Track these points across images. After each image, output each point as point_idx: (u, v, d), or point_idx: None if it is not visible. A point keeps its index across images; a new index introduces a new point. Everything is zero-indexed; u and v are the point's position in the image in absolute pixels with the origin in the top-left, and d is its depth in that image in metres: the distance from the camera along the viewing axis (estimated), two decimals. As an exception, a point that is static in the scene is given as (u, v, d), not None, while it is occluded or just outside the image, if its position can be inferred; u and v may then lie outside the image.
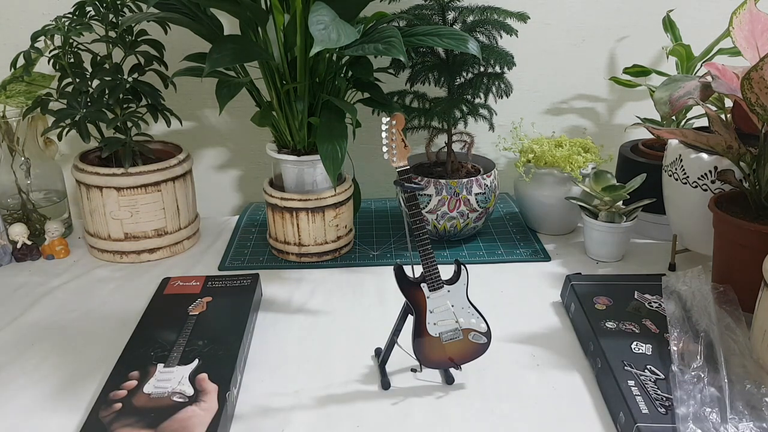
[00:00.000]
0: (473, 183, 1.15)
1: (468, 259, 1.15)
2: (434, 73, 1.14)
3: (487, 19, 1.10)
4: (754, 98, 0.82)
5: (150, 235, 1.14)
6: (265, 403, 0.78)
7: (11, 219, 1.20)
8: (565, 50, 1.36)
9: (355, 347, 0.89)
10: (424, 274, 0.78)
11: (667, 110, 0.95)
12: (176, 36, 1.18)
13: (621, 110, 1.42)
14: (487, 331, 0.80)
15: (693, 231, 1.05)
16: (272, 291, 1.05)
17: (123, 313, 0.98)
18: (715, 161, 0.98)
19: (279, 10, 1.00)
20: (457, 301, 0.79)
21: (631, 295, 0.94)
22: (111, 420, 0.70)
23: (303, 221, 1.10)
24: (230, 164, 1.44)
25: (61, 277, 1.10)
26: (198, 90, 1.34)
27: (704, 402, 0.70)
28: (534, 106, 1.41)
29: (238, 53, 0.97)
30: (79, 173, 1.10)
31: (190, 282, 1.00)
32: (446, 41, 0.98)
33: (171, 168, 1.13)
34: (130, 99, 1.11)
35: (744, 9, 0.95)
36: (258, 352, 0.88)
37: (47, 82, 1.15)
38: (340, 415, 0.76)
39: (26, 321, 0.96)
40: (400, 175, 0.77)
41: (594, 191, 1.12)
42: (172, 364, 0.79)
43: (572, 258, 1.15)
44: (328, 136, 1.03)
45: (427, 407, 0.77)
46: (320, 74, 1.08)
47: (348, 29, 0.88)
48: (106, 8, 1.08)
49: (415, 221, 0.77)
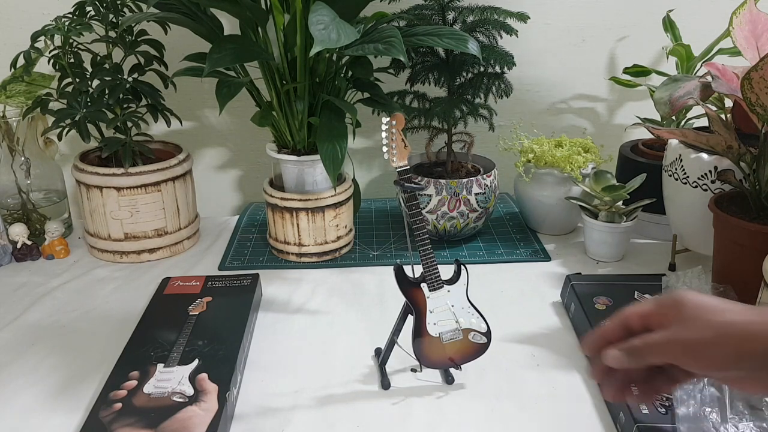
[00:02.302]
0: (473, 183, 1.15)
1: (468, 259, 1.15)
2: (434, 73, 1.14)
3: (487, 19, 1.10)
4: (754, 98, 0.82)
5: (150, 235, 1.14)
6: (265, 403, 0.78)
7: (11, 219, 1.20)
8: (565, 50, 1.36)
9: (355, 347, 0.89)
10: (424, 274, 0.78)
11: (667, 110, 0.95)
12: (176, 36, 1.18)
13: (621, 110, 1.42)
14: (487, 331, 0.80)
15: (693, 231, 1.05)
16: (272, 291, 1.05)
17: (123, 313, 0.98)
18: (715, 161, 0.98)
19: (279, 10, 1.00)
20: (457, 301, 0.79)
21: (631, 295, 0.94)
22: (111, 420, 0.70)
23: (303, 221, 1.10)
24: (230, 164, 1.44)
25: (61, 277, 1.10)
26: (198, 90, 1.34)
27: (704, 402, 0.70)
28: (534, 106, 1.41)
29: (238, 53, 0.97)
30: (79, 173, 1.10)
31: (190, 282, 1.00)
32: (446, 41, 0.98)
33: (171, 168, 1.13)
34: (130, 99, 1.11)
35: (744, 9, 0.95)
36: (258, 352, 0.88)
37: (47, 82, 1.15)
38: (340, 415, 0.76)
39: (26, 321, 0.96)
40: (400, 175, 0.77)
41: (594, 191, 1.12)
42: (172, 364, 0.79)
43: (572, 258, 1.15)
44: (328, 136, 1.03)
45: (427, 407, 0.77)
46: (320, 74, 1.08)
47: (348, 29, 0.88)
48: (106, 8, 1.08)
49: (415, 221, 0.77)
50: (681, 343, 0.61)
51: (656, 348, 0.62)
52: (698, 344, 0.60)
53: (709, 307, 0.60)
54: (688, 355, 0.61)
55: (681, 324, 0.61)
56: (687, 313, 0.61)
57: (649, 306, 0.65)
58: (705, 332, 0.59)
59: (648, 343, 0.63)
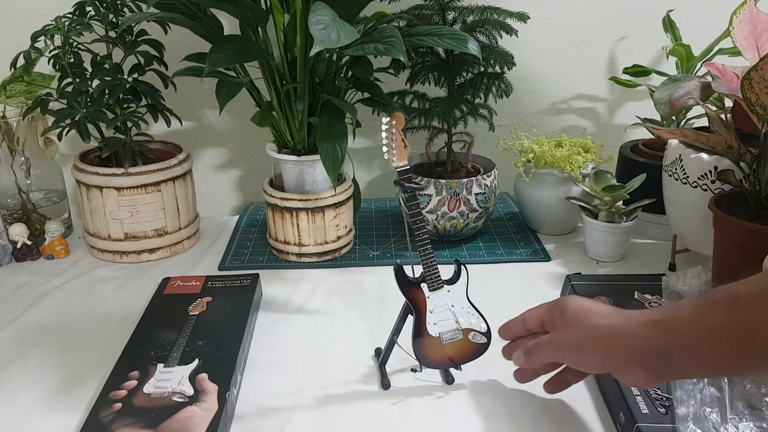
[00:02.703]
0: (473, 183, 1.15)
1: (468, 259, 1.15)
2: (434, 73, 1.14)
3: (487, 19, 1.10)
4: (754, 98, 0.82)
5: (150, 235, 1.14)
6: (265, 403, 0.78)
7: (11, 219, 1.20)
8: (565, 50, 1.36)
9: (355, 347, 0.89)
10: (424, 274, 0.78)
11: (667, 110, 0.95)
12: (176, 36, 1.18)
13: (621, 110, 1.42)
14: (488, 331, 0.81)
15: (693, 231, 1.05)
16: (272, 291, 1.05)
17: (123, 313, 0.98)
18: (715, 161, 0.98)
19: (279, 10, 1.00)
20: (457, 301, 0.79)
21: (631, 295, 0.94)
22: (111, 420, 0.70)
23: (303, 221, 1.10)
24: (230, 164, 1.44)
25: (61, 277, 1.10)
26: (198, 90, 1.34)
27: (704, 402, 0.70)
28: (534, 106, 1.41)
29: (238, 53, 0.97)
30: (79, 173, 1.10)
31: (190, 282, 1.00)
32: (446, 41, 0.98)
33: (171, 168, 1.13)
34: (130, 99, 1.11)
35: (744, 9, 0.95)
36: (258, 352, 0.88)
37: (47, 82, 1.15)
38: (340, 415, 0.76)
39: (26, 321, 0.96)
40: (400, 175, 0.77)
41: (594, 191, 1.12)
42: (172, 364, 0.79)
43: (572, 258, 1.15)
44: (328, 136, 1.03)
45: (427, 407, 0.77)
46: (320, 74, 1.08)
47: (348, 29, 0.87)
48: (106, 8, 1.08)
49: (415, 221, 0.77)
50: (561, 345, 0.67)
51: (544, 349, 0.69)
52: (573, 345, 0.66)
53: (583, 311, 0.66)
54: (568, 356, 0.67)
55: (561, 327, 0.68)
56: (566, 318, 0.67)
57: (542, 310, 0.72)
58: (578, 334, 0.65)
59: (537, 345, 0.70)
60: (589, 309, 0.66)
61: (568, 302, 0.68)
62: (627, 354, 0.60)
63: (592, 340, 0.63)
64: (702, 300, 0.57)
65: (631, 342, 0.60)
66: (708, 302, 0.56)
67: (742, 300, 0.54)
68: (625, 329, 0.61)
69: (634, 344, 0.60)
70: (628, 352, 0.60)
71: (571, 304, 0.67)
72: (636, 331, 0.60)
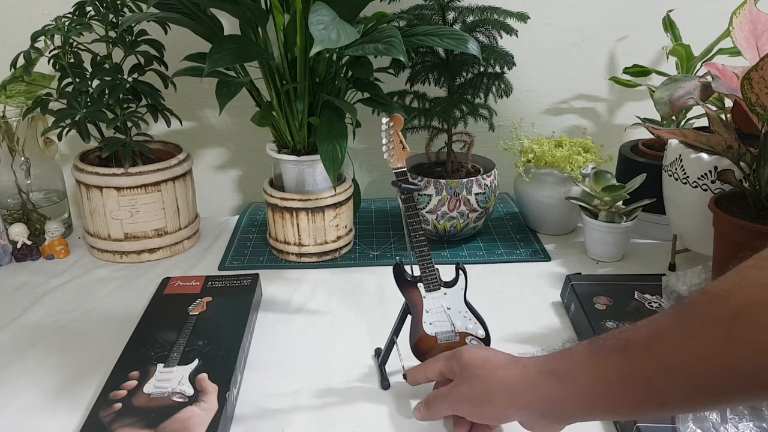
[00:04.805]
0: (473, 183, 1.15)
1: (468, 259, 1.15)
2: (434, 73, 1.14)
3: (487, 19, 1.10)
4: (754, 98, 0.82)
5: (150, 235, 1.14)
6: (265, 403, 0.78)
7: (11, 219, 1.20)
8: (565, 50, 1.36)
9: (355, 347, 0.89)
10: (420, 274, 0.78)
11: (667, 110, 0.95)
12: (176, 36, 1.18)
13: (621, 110, 1.42)
14: (486, 337, 0.80)
15: (693, 231, 1.05)
16: (272, 291, 1.05)
17: (123, 313, 0.98)
18: (715, 161, 0.98)
19: (279, 10, 1.00)
20: (454, 304, 0.79)
21: (631, 295, 0.94)
22: (111, 420, 0.70)
23: (303, 221, 1.11)
24: (230, 164, 1.44)
25: (61, 277, 1.10)
26: (198, 90, 1.34)
27: (704, 402, 0.70)
28: (534, 106, 1.41)
29: (238, 53, 0.97)
30: (79, 173, 1.10)
31: (190, 282, 1.00)
32: (446, 41, 0.98)
33: (171, 168, 1.13)
34: (130, 99, 1.11)
35: (744, 9, 0.95)
36: (258, 352, 0.88)
37: (47, 82, 1.15)
38: (340, 415, 0.76)
39: (26, 321, 0.96)
40: (397, 176, 0.78)
41: (594, 191, 1.12)
42: (172, 364, 0.79)
43: (572, 258, 1.15)
44: (328, 136, 1.03)
45: (427, 407, 0.77)
46: (320, 74, 1.08)
47: (348, 29, 0.88)
48: (106, 8, 1.08)
49: (412, 222, 0.78)
50: (459, 398, 0.65)
51: (443, 402, 0.67)
52: (473, 398, 0.64)
53: (480, 363, 0.64)
54: (467, 409, 0.65)
55: (459, 380, 0.66)
56: (463, 370, 0.66)
57: (440, 362, 0.70)
58: (477, 387, 0.64)
59: (437, 397, 0.69)
60: (485, 359, 0.64)
61: (464, 354, 0.67)
62: (527, 405, 0.60)
63: (492, 394, 0.62)
64: (595, 346, 0.56)
65: (529, 393, 0.59)
66: (600, 349, 0.55)
67: (633, 348, 0.52)
68: (523, 381, 0.60)
69: (533, 395, 0.59)
70: (527, 404, 0.60)
71: (466, 356, 0.66)
72: (534, 382, 0.59)
